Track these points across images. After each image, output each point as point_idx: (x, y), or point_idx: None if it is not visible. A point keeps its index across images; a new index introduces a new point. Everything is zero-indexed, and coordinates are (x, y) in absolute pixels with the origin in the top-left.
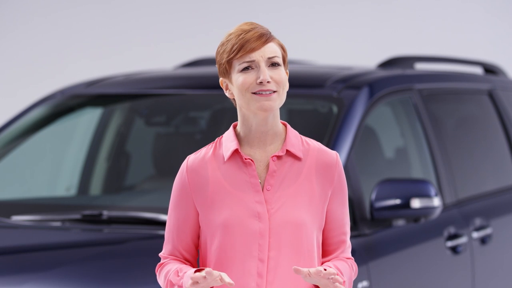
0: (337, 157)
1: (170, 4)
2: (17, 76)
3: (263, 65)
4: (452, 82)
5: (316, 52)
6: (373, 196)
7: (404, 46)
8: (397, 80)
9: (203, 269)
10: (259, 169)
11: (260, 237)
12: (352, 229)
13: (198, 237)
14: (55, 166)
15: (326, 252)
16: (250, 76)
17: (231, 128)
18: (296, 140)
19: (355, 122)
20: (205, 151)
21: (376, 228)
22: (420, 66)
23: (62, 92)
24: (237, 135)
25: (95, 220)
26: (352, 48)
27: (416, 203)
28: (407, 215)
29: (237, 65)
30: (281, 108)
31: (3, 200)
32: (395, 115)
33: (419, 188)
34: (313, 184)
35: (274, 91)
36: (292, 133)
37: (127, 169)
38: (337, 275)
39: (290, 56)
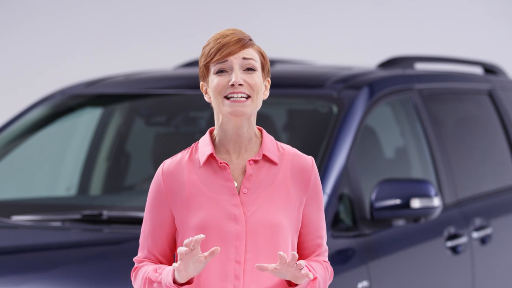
0: (312, 162)
1: (170, 4)
2: (17, 76)
3: (236, 68)
4: (452, 82)
5: (316, 52)
6: (373, 196)
7: (404, 46)
8: (397, 80)
9: None
10: (235, 173)
11: (237, 239)
12: (352, 229)
13: (174, 241)
14: (55, 166)
15: (302, 255)
16: (223, 79)
17: (207, 133)
18: (272, 146)
19: (355, 122)
20: (181, 156)
21: (376, 228)
22: (420, 66)
23: (62, 92)
24: (213, 140)
25: (95, 220)
26: (352, 48)
27: (416, 203)
28: (407, 215)
29: (212, 67)
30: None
31: (3, 200)
32: (395, 115)
33: (419, 188)
34: (288, 188)
35: (248, 97)
36: (268, 138)
37: (127, 169)
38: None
39: (290, 56)
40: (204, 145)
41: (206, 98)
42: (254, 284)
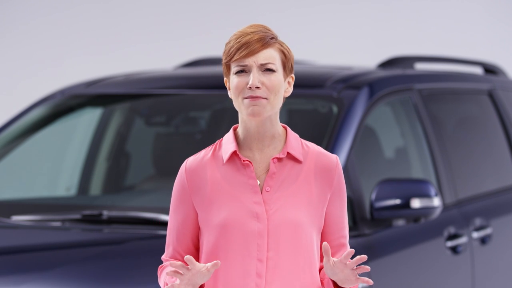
0: (337, 161)
1: (170, 4)
2: (17, 76)
3: (254, 70)
4: (452, 82)
5: (316, 52)
6: (373, 196)
7: (404, 46)
8: (397, 80)
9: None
10: (258, 171)
11: (259, 237)
12: (352, 229)
13: (198, 238)
14: (55, 166)
15: None
16: (242, 80)
17: (231, 130)
18: (296, 143)
19: (355, 122)
20: (204, 153)
21: (376, 228)
22: (420, 66)
23: (62, 92)
24: (236, 137)
25: (95, 220)
26: (352, 48)
27: (416, 203)
28: (407, 215)
29: (233, 67)
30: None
31: (3, 200)
32: (395, 115)
33: (419, 188)
34: (311, 187)
35: (265, 98)
36: (293, 136)
37: (127, 169)
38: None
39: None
40: (227, 142)
41: (229, 94)
42: (276, 283)
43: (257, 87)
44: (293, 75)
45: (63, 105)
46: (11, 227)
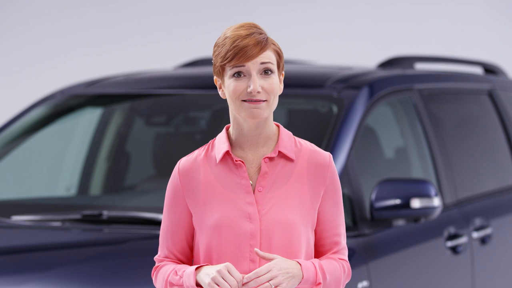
0: (330, 158)
1: (170, 4)
2: (17, 76)
3: (254, 74)
4: (452, 82)
5: (316, 52)
6: (373, 196)
7: (404, 46)
8: (397, 80)
9: (203, 265)
10: (251, 171)
11: (251, 238)
12: (352, 229)
13: (193, 239)
14: (55, 166)
15: (319, 253)
16: (241, 84)
17: (224, 130)
18: (289, 141)
19: (355, 122)
20: (197, 153)
21: (376, 228)
22: (420, 66)
23: (62, 92)
24: (229, 137)
25: (95, 220)
26: (352, 48)
27: (416, 203)
28: (407, 215)
29: (229, 70)
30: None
31: (3, 200)
32: (395, 115)
33: (419, 188)
34: (304, 185)
35: (264, 100)
36: (285, 134)
37: (127, 169)
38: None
39: (290, 56)
40: (220, 142)
41: (220, 93)
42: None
43: (258, 92)
44: (283, 73)
45: (63, 105)
46: (11, 227)
